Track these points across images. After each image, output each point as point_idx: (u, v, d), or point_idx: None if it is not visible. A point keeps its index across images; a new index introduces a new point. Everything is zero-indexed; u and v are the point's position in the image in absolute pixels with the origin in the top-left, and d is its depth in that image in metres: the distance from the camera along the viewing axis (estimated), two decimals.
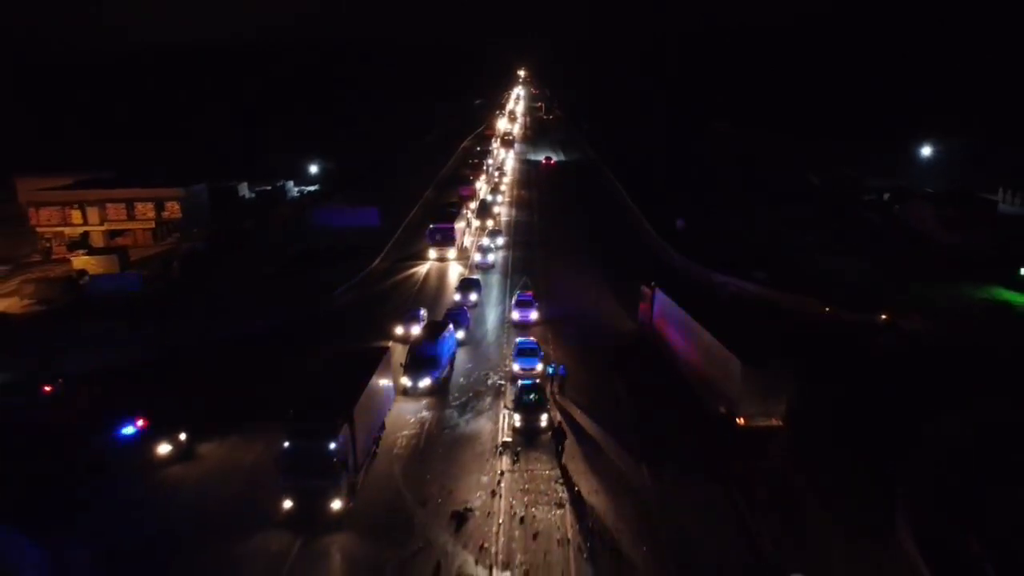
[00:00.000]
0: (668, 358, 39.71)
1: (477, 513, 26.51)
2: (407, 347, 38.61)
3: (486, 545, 24.72)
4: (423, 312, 46.69)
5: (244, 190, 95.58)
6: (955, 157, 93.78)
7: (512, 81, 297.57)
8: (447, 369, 38.85)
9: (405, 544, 24.75)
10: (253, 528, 25.47)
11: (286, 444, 25.93)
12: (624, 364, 40.17)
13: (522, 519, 26.16)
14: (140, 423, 31.61)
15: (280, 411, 28.46)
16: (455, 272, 60.67)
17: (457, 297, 51.14)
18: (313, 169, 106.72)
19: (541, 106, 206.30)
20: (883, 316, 44.29)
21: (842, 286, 50.37)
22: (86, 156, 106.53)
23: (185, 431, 30.97)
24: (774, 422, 30.95)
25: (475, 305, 50.71)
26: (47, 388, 36.41)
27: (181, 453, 30.55)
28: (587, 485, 28.32)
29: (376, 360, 32.03)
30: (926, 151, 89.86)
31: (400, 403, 35.39)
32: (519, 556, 24.15)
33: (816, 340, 41.11)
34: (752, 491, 27.74)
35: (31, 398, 35.35)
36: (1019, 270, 50.14)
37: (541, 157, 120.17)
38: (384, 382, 33.04)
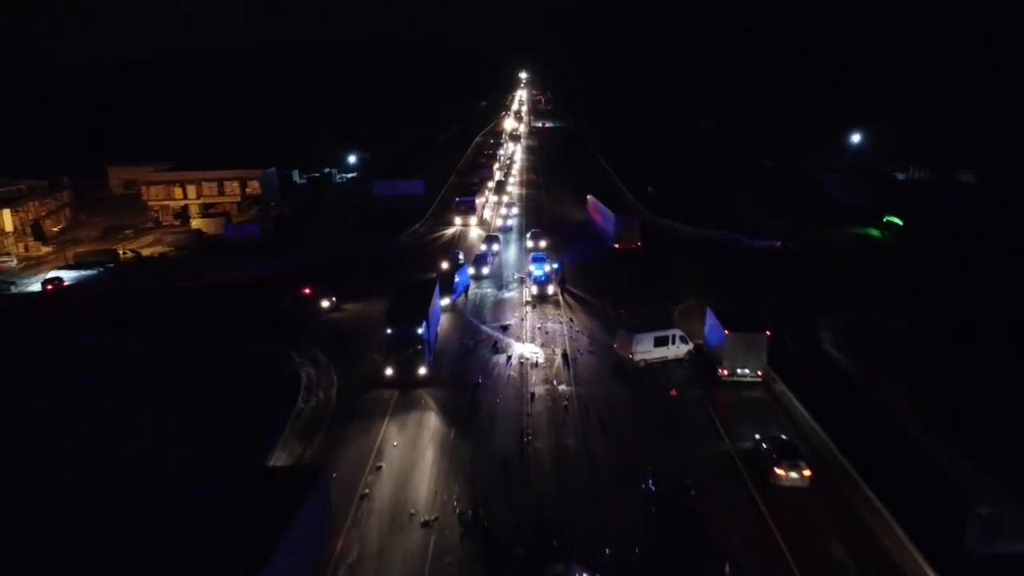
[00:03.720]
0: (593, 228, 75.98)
1: (514, 325, 47.78)
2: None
3: (520, 336, 45.86)
4: (460, 254, 66.11)
5: (296, 176, 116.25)
6: (886, 142, 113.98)
7: (515, 84, 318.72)
8: (463, 295, 55.67)
9: (476, 335, 46.21)
10: (370, 385, 39.56)
11: (388, 331, 40.55)
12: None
13: (539, 327, 47.36)
14: (307, 291, 52.48)
15: (381, 296, 48.26)
16: (476, 233, 79.42)
17: (483, 248, 69.11)
18: (352, 159, 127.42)
19: (542, 99, 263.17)
20: (778, 243, 65.03)
21: (765, 230, 70.52)
22: (144, 151, 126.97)
23: (335, 295, 51.92)
24: (634, 247, 65.23)
25: (497, 253, 69.28)
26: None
27: (334, 307, 51.57)
28: (577, 315, 49.61)
29: (434, 284, 48.55)
30: (856, 138, 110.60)
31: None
32: (538, 338, 45.42)
33: (728, 255, 63.36)
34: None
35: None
36: (884, 217, 70.73)
37: (539, 124, 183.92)
38: (437, 299, 49.48)
